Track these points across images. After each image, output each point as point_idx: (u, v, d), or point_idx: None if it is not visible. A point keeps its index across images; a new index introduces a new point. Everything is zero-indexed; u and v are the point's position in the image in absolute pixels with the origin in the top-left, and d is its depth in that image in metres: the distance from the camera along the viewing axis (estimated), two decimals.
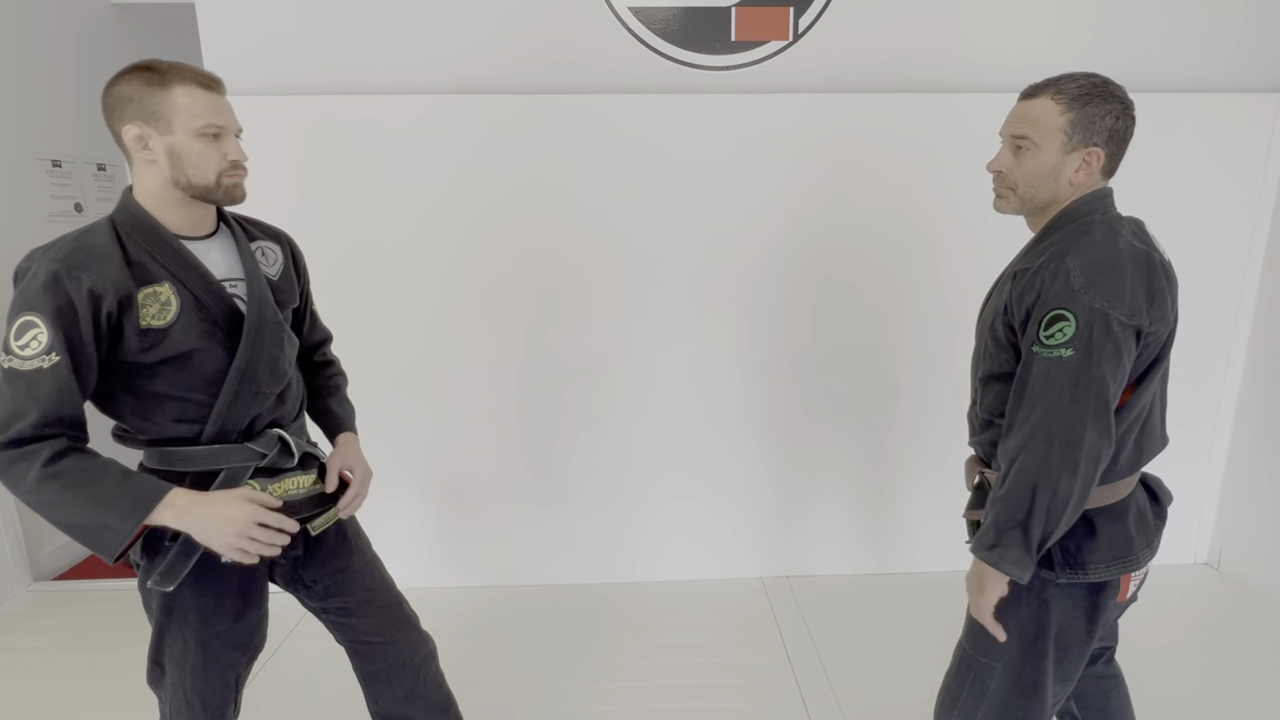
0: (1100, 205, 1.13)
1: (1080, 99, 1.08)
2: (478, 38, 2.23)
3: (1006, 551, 1.05)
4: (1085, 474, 1.02)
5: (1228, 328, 2.47)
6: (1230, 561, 2.57)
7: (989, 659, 1.17)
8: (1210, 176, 2.35)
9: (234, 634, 1.20)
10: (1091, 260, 1.03)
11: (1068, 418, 1.02)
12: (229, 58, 2.20)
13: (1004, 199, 1.19)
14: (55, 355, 0.99)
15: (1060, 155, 1.11)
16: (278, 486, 1.20)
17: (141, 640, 2.21)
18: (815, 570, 2.59)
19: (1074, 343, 1.01)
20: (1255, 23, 2.32)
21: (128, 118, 1.07)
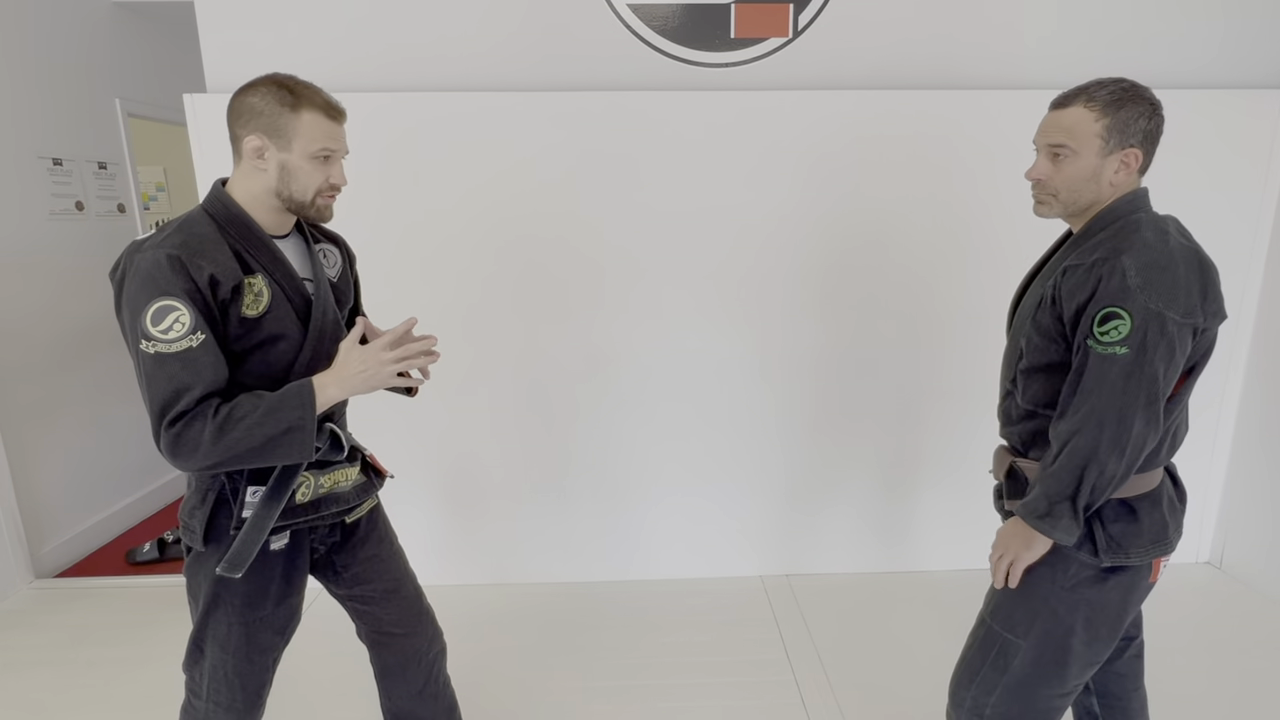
0: (1143, 204, 1.17)
1: (1113, 104, 1.12)
2: (475, 35, 2.23)
3: (1058, 521, 1.12)
4: (1130, 458, 1.08)
5: (1230, 325, 2.46)
6: (1232, 561, 2.55)
7: (1015, 636, 1.19)
8: (1213, 173, 2.34)
9: (275, 618, 1.24)
10: (1147, 259, 1.06)
11: (1120, 408, 1.06)
12: (227, 56, 2.21)
13: (1046, 204, 1.21)
14: (201, 334, 1.05)
15: (1099, 159, 1.14)
16: (327, 478, 1.25)
17: (142, 638, 2.23)
18: (815, 569, 2.58)
19: (1128, 341, 1.04)
20: (1256, 19, 2.30)
21: (253, 128, 1.12)
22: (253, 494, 1.17)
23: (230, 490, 1.17)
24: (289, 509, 1.20)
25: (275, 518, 1.17)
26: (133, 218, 3.11)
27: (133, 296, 1.05)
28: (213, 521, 1.17)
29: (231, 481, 1.17)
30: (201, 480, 1.19)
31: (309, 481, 1.22)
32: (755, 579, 2.56)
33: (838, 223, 2.32)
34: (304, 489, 1.21)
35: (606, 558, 2.55)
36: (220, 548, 1.17)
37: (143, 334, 1.03)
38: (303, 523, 1.23)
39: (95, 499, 2.91)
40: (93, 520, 2.88)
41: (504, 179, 2.26)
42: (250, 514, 1.16)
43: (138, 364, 1.06)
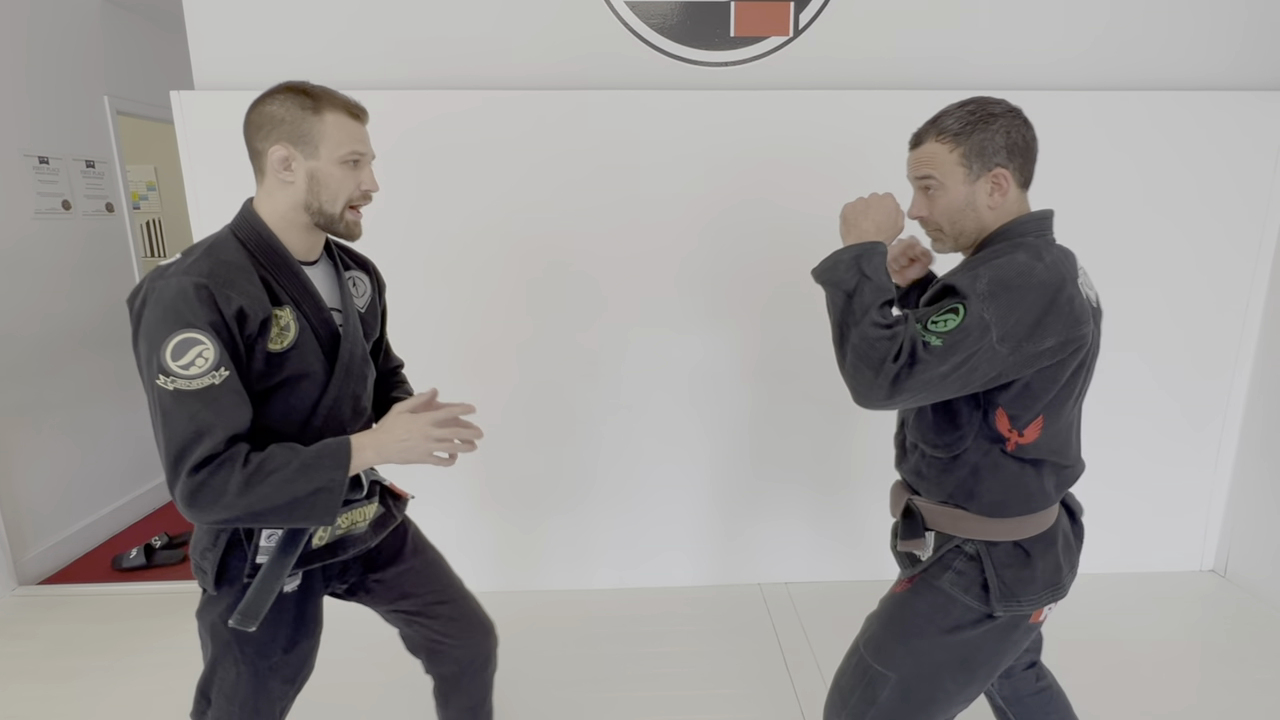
0: (1035, 229, 1.13)
1: (963, 133, 1.10)
2: (471, 33, 2.18)
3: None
4: (851, 365, 1.07)
5: (1235, 331, 2.43)
6: (1237, 569, 2.52)
7: (886, 668, 1.16)
8: (1218, 177, 2.31)
9: (285, 666, 1.17)
10: (1002, 275, 1.03)
11: (880, 362, 1.02)
12: (215, 53, 2.16)
13: (939, 240, 1.19)
14: (225, 370, 0.97)
15: (968, 186, 1.11)
16: (345, 519, 1.18)
17: (128, 647, 2.18)
18: (815, 577, 2.54)
19: (948, 336, 1.00)
20: (1262, 20, 2.28)
21: (275, 137, 1.07)
22: (268, 537, 1.10)
23: (244, 532, 1.10)
24: (304, 554, 1.13)
25: (291, 566, 1.10)
26: (121, 217, 3.06)
27: (152, 327, 0.97)
28: (225, 564, 1.10)
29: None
30: None
31: None
32: (754, 587, 2.52)
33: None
34: (322, 531, 1.15)
35: (603, 566, 2.51)
36: (233, 590, 1.10)
37: (160, 368, 0.95)
38: (318, 567, 1.18)
39: (81, 504, 2.85)
40: (78, 525, 2.82)
41: (499, 177, 2.22)
42: (265, 561, 1.09)
43: (153, 401, 0.97)
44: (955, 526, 1.15)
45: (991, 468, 1.11)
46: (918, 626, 1.15)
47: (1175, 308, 2.40)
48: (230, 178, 2.18)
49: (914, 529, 1.19)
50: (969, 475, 1.13)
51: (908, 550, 1.20)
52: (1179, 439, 2.51)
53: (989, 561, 1.12)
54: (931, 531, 1.18)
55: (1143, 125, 2.25)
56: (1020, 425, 1.09)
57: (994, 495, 1.12)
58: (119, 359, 3.05)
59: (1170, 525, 2.57)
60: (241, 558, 1.10)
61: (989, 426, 1.10)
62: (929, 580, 1.17)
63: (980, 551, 1.13)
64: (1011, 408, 1.08)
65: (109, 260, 3.00)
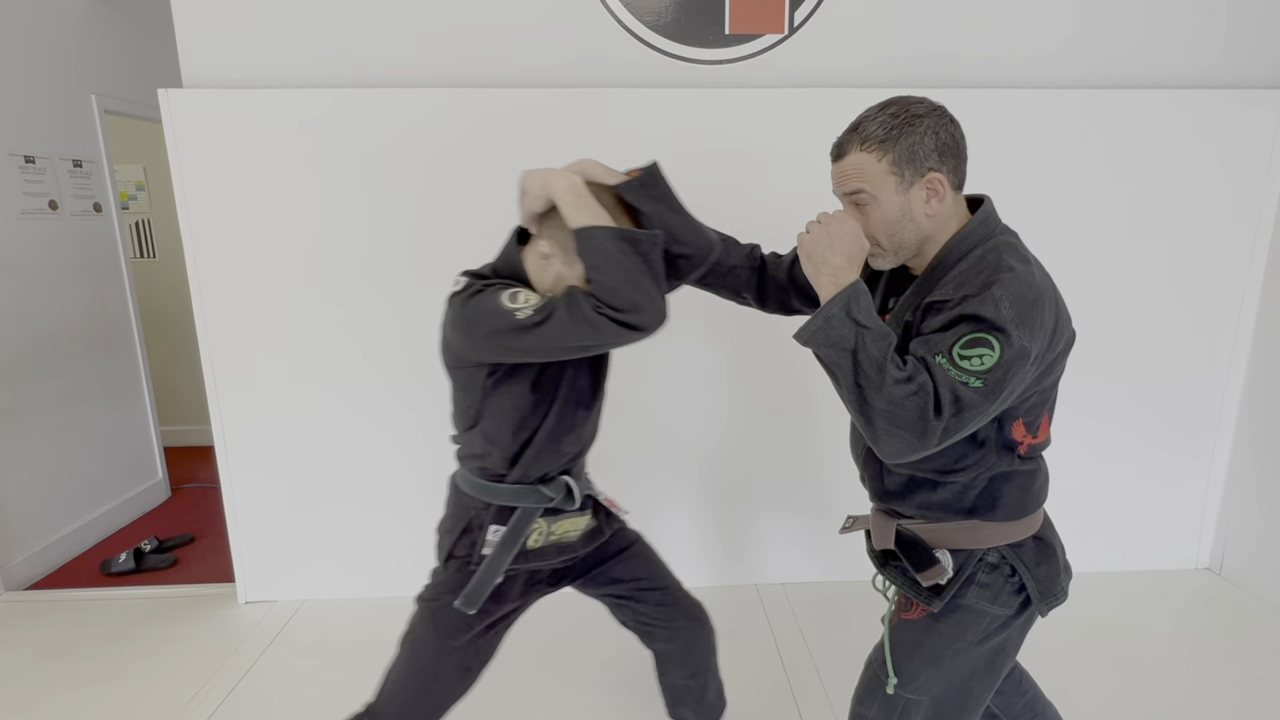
0: (994, 225, 1.07)
1: (890, 138, 1.01)
2: (461, 30, 2.16)
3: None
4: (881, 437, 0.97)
5: (1230, 329, 2.43)
6: (1232, 567, 2.53)
7: (916, 694, 1.13)
8: (1213, 174, 2.31)
9: (464, 651, 1.29)
10: (1017, 293, 0.96)
11: (925, 418, 0.94)
12: (204, 50, 2.13)
13: (878, 255, 1.09)
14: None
15: (901, 196, 1.03)
16: (559, 526, 1.31)
17: (116, 653, 2.15)
18: (811, 578, 2.53)
19: (989, 375, 0.93)
20: (1257, 19, 2.28)
21: None
22: (494, 532, 1.26)
23: (478, 523, 1.27)
24: (518, 553, 1.27)
25: (510, 559, 1.25)
26: (109, 217, 3.03)
27: (479, 298, 1.19)
28: (455, 545, 1.28)
29: (478, 516, 1.27)
30: (460, 507, 1.30)
31: (542, 528, 1.29)
32: (750, 587, 2.50)
33: None
34: (536, 535, 1.28)
35: None
36: (449, 569, 1.28)
37: (509, 299, 1.14)
38: (527, 568, 1.30)
39: (69, 507, 2.82)
40: (66, 530, 2.79)
41: (491, 178, 2.19)
42: (489, 553, 1.25)
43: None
44: (973, 539, 1.09)
45: (1009, 475, 1.09)
46: (949, 648, 1.12)
47: (1170, 305, 2.39)
48: (219, 177, 2.15)
49: (924, 558, 1.10)
50: (990, 488, 1.08)
51: (932, 583, 1.10)
52: (1174, 437, 2.50)
53: (1020, 564, 1.09)
54: (943, 551, 1.10)
55: (1134, 123, 2.25)
56: (1034, 428, 1.08)
57: (1015, 499, 1.09)
58: (109, 360, 3.01)
59: (1165, 523, 2.57)
60: (469, 544, 1.27)
61: (1005, 437, 1.07)
62: (953, 601, 1.11)
63: (1006, 555, 1.09)
64: (1029, 414, 1.07)
65: (97, 261, 2.97)
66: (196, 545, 2.89)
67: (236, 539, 2.38)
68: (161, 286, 3.83)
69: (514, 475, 1.25)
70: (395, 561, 2.44)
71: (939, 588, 1.11)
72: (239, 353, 2.26)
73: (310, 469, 2.34)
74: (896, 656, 1.15)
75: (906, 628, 1.16)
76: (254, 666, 2.08)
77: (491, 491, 1.27)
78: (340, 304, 2.24)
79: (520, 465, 1.25)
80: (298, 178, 2.16)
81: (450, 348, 1.22)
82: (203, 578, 2.62)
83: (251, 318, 2.23)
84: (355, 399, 2.30)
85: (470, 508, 1.28)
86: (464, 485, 1.31)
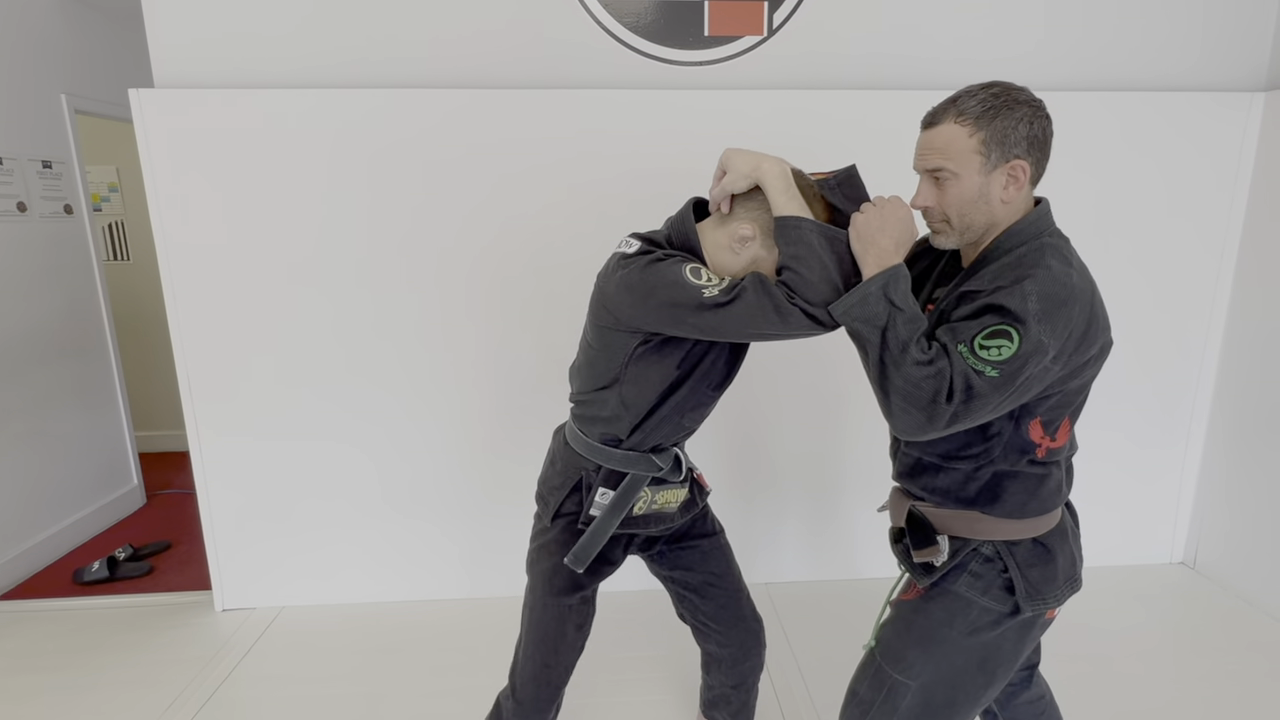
0: (1046, 225, 1.09)
1: (986, 115, 1.02)
2: (439, 30, 2.15)
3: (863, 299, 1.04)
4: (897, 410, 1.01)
5: (1202, 326, 2.47)
6: (1206, 561, 2.57)
7: (906, 677, 1.14)
8: (1186, 174, 2.35)
9: (578, 614, 1.37)
10: (1048, 289, 0.98)
11: (935, 397, 0.97)
12: (174, 49, 2.10)
13: (942, 234, 1.12)
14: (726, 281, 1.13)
15: (983, 177, 1.04)
16: (661, 496, 1.34)
17: (88, 663, 2.12)
18: (795, 577, 2.54)
19: (1005, 366, 0.96)
20: (1230, 23, 2.32)
21: None
22: (602, 494, 1.29)
23: (586, 484, 1.31)
24: (624, 518, 1.30)
25: (617, 523, 1.29)
26: (81, 219, 2.97)
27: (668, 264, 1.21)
28: (564, 503, 1.32)
29: (587, 477, 1.30)
30: (570, 465, 1.32)
31: (647, 496, 1.31)
32: None
33: None
34: (642, 502, 1.31)
35: None
36: (555, 526, 1.33)
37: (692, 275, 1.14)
38: (629, 533, 1.34)
39: (40, 516, 2.76)
40: (37, 538, 2.73)
41: (468, 178, 2.18)
42: (598, 514, 1.29)
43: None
44: (972, 530, 1.12)
45: (1014, 474, 1.09)
46: (936, 632, 1.13)
47: (1144, 303, 2.43)
48: (192, 178, 2.12)
49: (925, 537, 1.14)
50: (993, 483, 1.10)
51: (924, 561, 1.15)
52: (1148, 432, 2.54)
53: (1012, 562, 1.10)
54: (944, 536, 1.14)
55: (1106, 125, 2.28)
56: (1053, 431, 1.08)
57: (1019, 498, 1.10)
58: (82, 364, 2.95)
59: (1140, 518, 2.61)
60: (578, 503, 1.31)
61: (1020, 436, 1.07)
62: (944, 585, 1.14)
63: (1001, 551, 1.11)
64: (1048, 415, 1.07)
65: (69, 263, 2.91)
66: (173, 552, 2.84)
67: (212, 545, 2.34)
68: (136, 289, 3.76)
69: (631, 442, 1.27)
70: (375, 567, 2.42)
71: (931, 567, 1.15)
72: (213, 357, 2.22)
73: (287, 474, 2.31)
74: (886, 631, 1.20)
75: (902, 606, 1.20)
76: (231, 675, 2.05)
77: (605, 455, 1.29)
78: (317, 307, 2.21)
79: (640, 432, 1.26)
80: (271, 179, 2.13)
81: (613, 308, 1.19)
82: (179, 585, 2.58)
83: (226, 321, 2.20)
84: (332, 403, 2.28)
85: (581, 467, 1.32)
86: (576, 444, 1.33)
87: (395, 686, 2.02)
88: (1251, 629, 2.25)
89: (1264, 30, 2.33)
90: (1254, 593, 2.38)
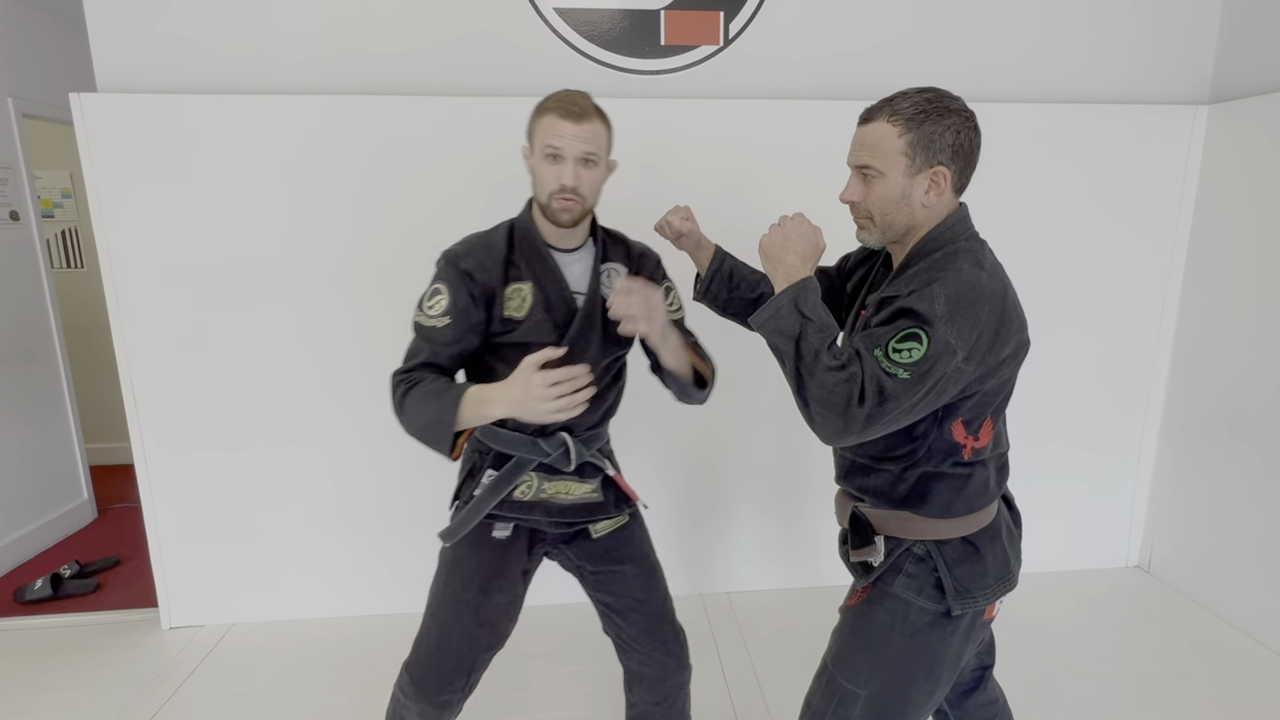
0: (962, 230, 1.12)
1: (916, 118, 1.05)
2: (393, 37, 2.12)
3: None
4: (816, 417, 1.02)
5: (1152, 333, 2.52)
6: (1160, 564, 2.61)
7: (855, 685, 1.16)
8: (1134, 185, 2.40)
9: (479, 608, 1.33)
10: (955, 291, 1.01)
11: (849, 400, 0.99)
12: (119, 52, 2.05)
13: (865, 230, 1.16)
14: (447, 319, 1.24)
15: (906, 179, 1.08)
16: (551, 485, 1.34)
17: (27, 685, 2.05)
18: (756, 586, 2.53)
19: (915, 367, 0.98)
20: (1176, 38, 2.38)
21: (526, 138, 1.29)
22: (488, 476, 1.32)
23: (479, 467, 1.34)
24: (508, 502, 1.32)
25: (493, 504, 1.31)
26: (28, 226, 2.89)
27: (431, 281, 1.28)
28: (462, 487, 1.37)
29: (482, 460, 1.33)
30: (470, 450, 1.37)
31: (531, 482, 1.33)
32: (695, 597, 2.50)
33: None
34: (525, 487, 1.33)
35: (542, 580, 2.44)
36: (456, 513, 1.35)
37: (419, 306, 1.27)
38: (515, 519, 1.34)
39: None
40: None
41: (423, 186, 2.15)
42: (477, 493, 1.31)
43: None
44: (905, 530, 1.15)
45: (940, 475, 1.11)
46: (880, 638, 1.14)
47: (1094, 313, 2.47)
48: (136, 184, 2.07)
49: (864, 537, 1.18)
50: (921, 483, 1.12)
51: (861, 560, 1.18)
52: (1103, 439, 2.58)
53: (940, 560, 1.12)
54: (881, 536, 1.16)
55: (1053, 136, 2.32)
56: (975, 430, 1.10)
57: (945, 498, 1.12)
58: (27, 376, 2.86)
59: (1097, 523, 2.65)
60: (471, 488, 1.33)
61: (945, 437, 1.09)
62: (883, 587, 1.16)
63: (930, 551, 1.13)
64: (969, 414, 1.09)
65: (14, 271, 2.82)
66: (122, 569, 2.76)
67: (159, 561, 2.28)
68: (89, 297, 3.67)
69: (512, 421, 1.29)
70: (328, 582, 2.36)
71: (868, 566, 1.17)
72: (159, 367, 2.17)
73: (237, 487, 2.26)
74: (834, 637, 1.23)
75: (847, 612, 1.22)
76: (174, 695, 1.99)
77: (492, 435, 1.33)
78: (266, 316, 2.17)
79: None
80: (217, 186, 2.09)
81: None
82: (127, 603, 2.50)
83: (172, 332, 2.15)
84: (282, 415, 2.23)
85: (476, 451, 1.36)
86: (478, 431, 1.35)
87: (348, 705, 1.97)
88: (1202, 630, 2.28)
89: (1206, 45, 2.39)
90: (1205, 595, 2.42)
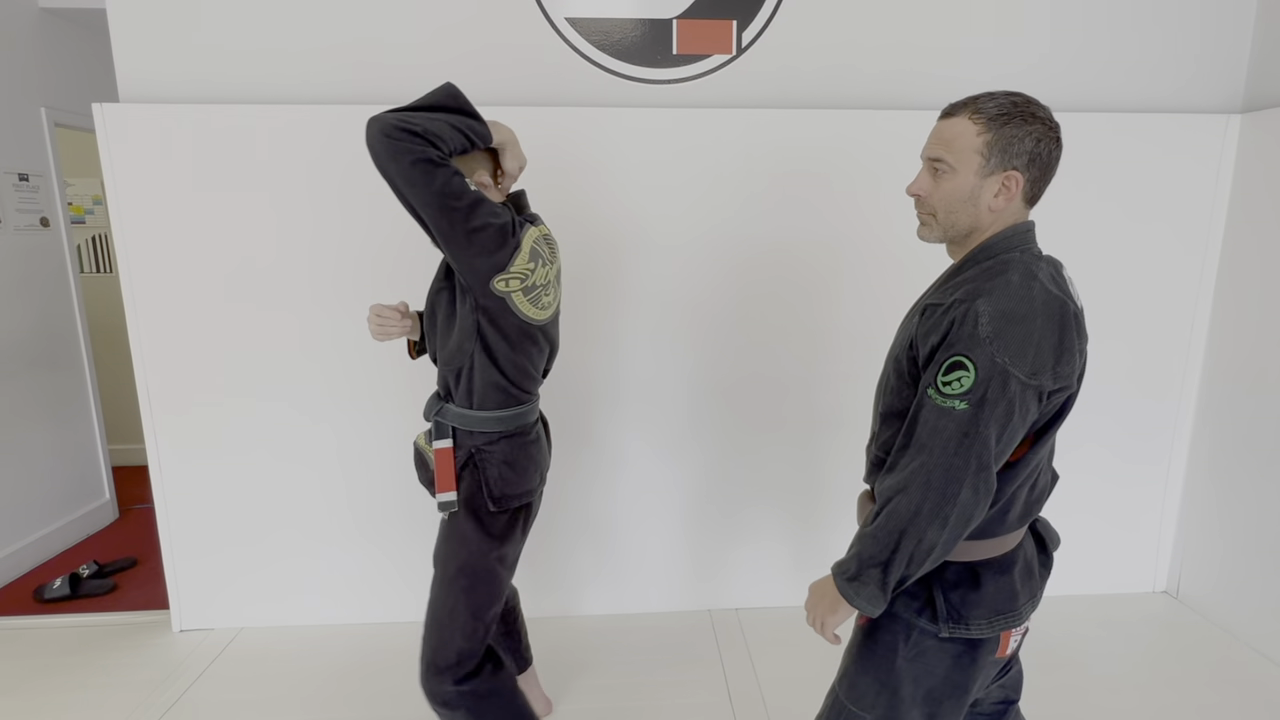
0: (1021, 241, 1.07)
1: (998, 119, 1.02)
2: (407, 48, 2.14)
3: (863, 588, 1.04)
4: (953, 530, 1.00)
5: (1182, 351, 2.43)
6: (1189, 591, 2.51)
7: (860, 709, 1.13)
8: (1165, 197, 2.32)
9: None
10: (1003, 308, 0.96)
11: (947, 471, 0.98)
12: (137, 64, 2.10)
13: (926, 226, 1.12)
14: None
15: (977, 178, 1.04)
16: (421, 435, 1.57)
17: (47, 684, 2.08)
18: (765, 603, 2.48)
19: (969, 395, 0.96)
20: (1209, 48, 2.30)
21: None
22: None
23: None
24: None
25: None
26: (58, 232, 2.96)
27: None
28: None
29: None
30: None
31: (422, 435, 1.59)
32: (704, 613, 2.46)
33: (785, 244, 2.25)
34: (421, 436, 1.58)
35: (550, 593, 2.43)
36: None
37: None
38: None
39: (5, 530, 2.72)
40: (1, 554, 2.69)
41: None
42: None
43: None
44: None
45: None
46: (884, 659, 1.11)
47: (1122, 330, 2.39)
48: (156, 193, 2.11)
49: None
50: None
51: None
52: (1129, 460, 2.49)
53: (935, 580, 1.08)
54: None
55: (1085, 146, 2.25)
56: None
57: None
58: (53, 378, 2.93)
59: (1123, 547, 2.55)
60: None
61: None
62: (888, 606, 1.12)
63: (931, 570, 1.08)
64: None
65: (43, 276, 2.90)
66: (139, 570, 2.80)
67: (171, 563, 2.30)
68: (117, 301, 3.74)
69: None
70: (338, 588, 2.37)
71: None
72: (175, 372, 2.20)
73: (249, 492, 2.28)
74: (844, 659, 1.20)
75: (857, 632, 1.19)
76: (181, 699, 2.00)
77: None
78: (282, 323, 2.19)
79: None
80: (236, 194, 2.12)
81: None
82: (142, 604, 2.54)
83: (188, 337, 2.18)
84: (296, 421, 2.25)
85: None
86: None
87: (354, 712, 1.96)
88: (1232, 660, 2.18)
89: (1239, 53, 2.31)
90: (1235, 623, 2.31)
